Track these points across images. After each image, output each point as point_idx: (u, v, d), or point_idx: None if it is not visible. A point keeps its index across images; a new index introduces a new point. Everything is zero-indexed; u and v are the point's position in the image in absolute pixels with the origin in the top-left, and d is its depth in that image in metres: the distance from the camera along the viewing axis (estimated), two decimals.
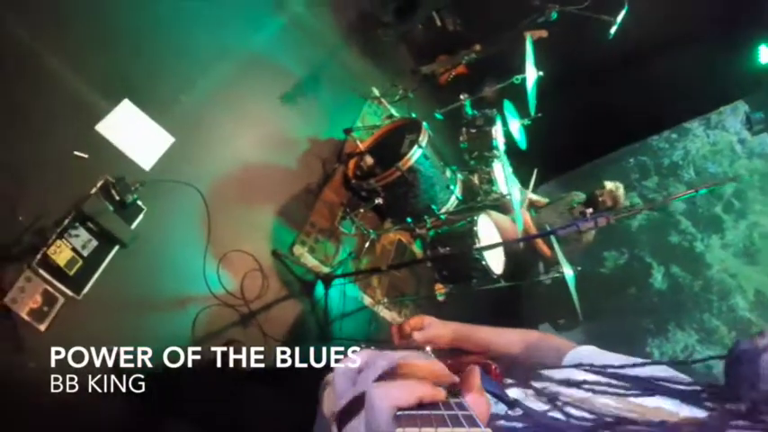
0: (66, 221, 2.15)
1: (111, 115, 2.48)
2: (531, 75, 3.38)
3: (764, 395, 0.63)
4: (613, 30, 3.43)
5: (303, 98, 3.66)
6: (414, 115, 3.38)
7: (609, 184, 3.65)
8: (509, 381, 0.89)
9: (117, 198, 2.31)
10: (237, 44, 3.31)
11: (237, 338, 2.63)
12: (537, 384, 0.84)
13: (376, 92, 4.28)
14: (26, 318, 1.97)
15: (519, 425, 0.71)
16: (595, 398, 0.77)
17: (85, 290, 2.15)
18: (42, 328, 2.00)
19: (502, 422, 0.71)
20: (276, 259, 2.94)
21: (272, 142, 3.30)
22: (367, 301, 3.37)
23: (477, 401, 0.51)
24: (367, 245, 3.37)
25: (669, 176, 5.35)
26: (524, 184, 4.02)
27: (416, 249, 3.91)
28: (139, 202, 2.42)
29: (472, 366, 0.54)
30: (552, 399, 0.78)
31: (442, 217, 3.28)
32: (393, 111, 4.18)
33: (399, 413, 0.43)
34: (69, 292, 2.10)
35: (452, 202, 3.34)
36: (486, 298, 3.41)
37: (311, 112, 3.68)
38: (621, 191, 3.62)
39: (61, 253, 2.11)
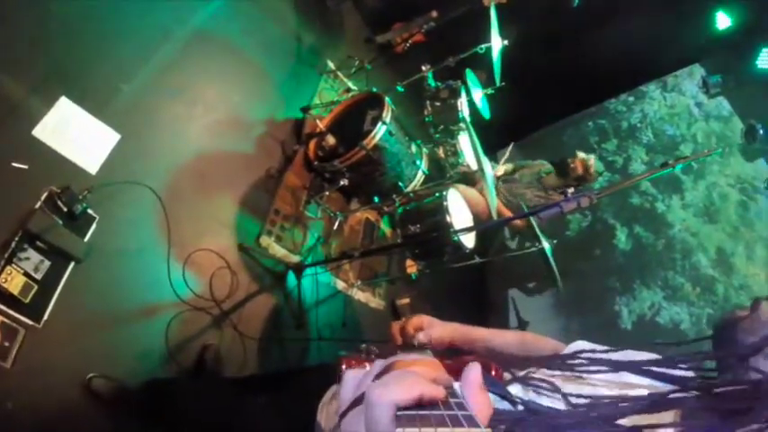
0: (13, 244, 1.94)
1: (49, 116, 2.23)
2: (497, 44, 3.27)
3: (741, 352, 0.71)
4: None
5: (254, 76, 3.44)
6: (374, 89, 3.23)
7: (581, 154, 3.62)
8: (508, 377, 0.88)
9: (65, 210, 2.11)
10: (178, 22, 3.02)
11: (212, 342, 2.51)
12: (538, 379, 0.84)
13: (331, 65, 4.08)
14: None
15: (522, 423, 0.70)
16: (597, 390, 0.78)
17: (45, 316, 1.97)
18: (8, 365, 1.82)
19: (504, 422, 0.69)
20: (243, 253, 2.79)
21: (225, 127, 3.07)
22: (340, 285, 3.27)
23: (479, 399, 0.49)
24: (335, 227, 3.25)
25: (628, 139, 5.40)
26: (486, 153, 3.97)
27: (384, 226, 3.81)
28: (90, 211, 2.21)
29: (472, 362, 0.52)
30: (556, 393, 0.78)
31: (410, 194, 3.18)
32: (351, 84, 4.01)
33: (399, 413, 0.41)
34: (29, 322, 1.92)
35: (420, 178, 3.25)
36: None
37: (264, 90, 3.47)
38: (594, 161, 3.61)
39: (13, 280, 1.90)
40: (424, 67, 3.44)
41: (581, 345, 0.96)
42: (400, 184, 3.11)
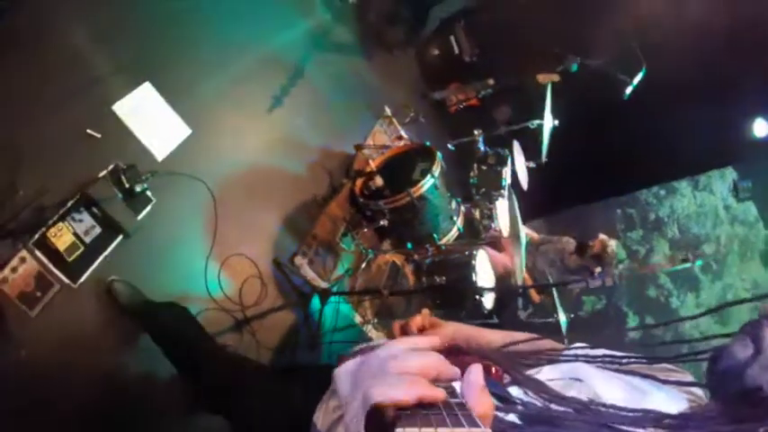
0: (70, 203, 2.02)
1: (131, 96, 2.40)
2: (548, 123, 3.47)
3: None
4: (629, 90, 3.55)
5: (318, 105, 3.69)
6: (427, 143, 3.42)
7: (602, 235, 3.75)
8: (507, 379, 0.86)
9: (126, 186, 2.20)
10: (262, 41, 3.33)
11: (231, 343, 2.62)
12: (538, 380, 0.81)
13: (388, 111, 4.32)
14: (16, 301, 1.83)
15: (523, 424, 0.68)
16: (598, 393, 0.75)
17: (82, 278, 2.02)
18: (33, 314, 1.87)
19: (505, 422, 0.68)
20: (276, 267, 2.94)
21: (283, 147, 3.30)
22: (357, 319, 3.38)
23: (481, 400, 0.48)
24: (364, 264, 3.40)
25: (654, 231, 5.53)
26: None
27: (409, 272, 3.94)
28: (149, 193, 2.32)
29: (475, 364, 0.51)
30: (555, 394, 0.75)
31: (442, 246, 3.33)
32: (403, 132, 4.23)
33: (399, 413, 0.42)
34: (65, 280, 1.96)
35: (454, 234, 3.39)
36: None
37: (324, 120, 3.71)
38: (613, 244, 3.73)
39: (62, 236, 1.97)
40: (476, 132, 3.65)
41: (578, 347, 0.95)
42: (435, 235, 3.26)
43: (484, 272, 3.27)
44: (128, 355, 2.17)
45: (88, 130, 2.19)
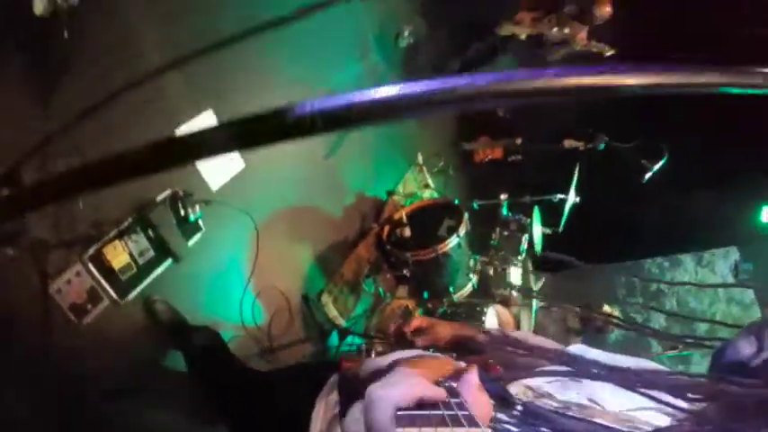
0: (127, 223, 2.11)
1: (193, 123, 2.51)
2: (571, 198, 3.71)
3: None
4: (648, 175, 3.79)
5: (362, 149, 3.93)
6: (457, 201, 3.65)
7: (607, 307, 3.99)
8: (507, 378, 0.88)
9: (182, 212, 2.34)
10: (317, 78, 3.49)
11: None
12: (537, 382, 0.83)
13: (420, 159, 4.57)
14: (67, 311, 1.93)
15: (522, 424, 0.70)
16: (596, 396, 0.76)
17: (129, 297, 2.14)
18: (81, 324, 1.98)
19: (504, 422, 0.69)
20: (304, 302, 3.17)
21: (326, 188, 3.55)
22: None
23: (478, 399, 0.50)
24: (381, 307, 3.63)
25: (652, 300, 5.72)
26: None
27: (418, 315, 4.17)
28: (200, 222, 2.47)
29: (471, 364, 0.54)
30: (553, 394, 0.77)
31: (456, 300, 3.56)
32: (430, 181, 4.47)
33: (399, 413, 0.43)
34: (115, 296, 2.07)
35: (468, 289, 3.62)
36: None
37: (365, 164, 3.97)
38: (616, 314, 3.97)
39: (118, 255, 2.07)
40: (502, 196, 3.89)
41: (581, 348, 0.94)
42: (451, 289, 3.49)
43: (490, 327, 3.50)
44: (158, 367, 2.34)
45: None
